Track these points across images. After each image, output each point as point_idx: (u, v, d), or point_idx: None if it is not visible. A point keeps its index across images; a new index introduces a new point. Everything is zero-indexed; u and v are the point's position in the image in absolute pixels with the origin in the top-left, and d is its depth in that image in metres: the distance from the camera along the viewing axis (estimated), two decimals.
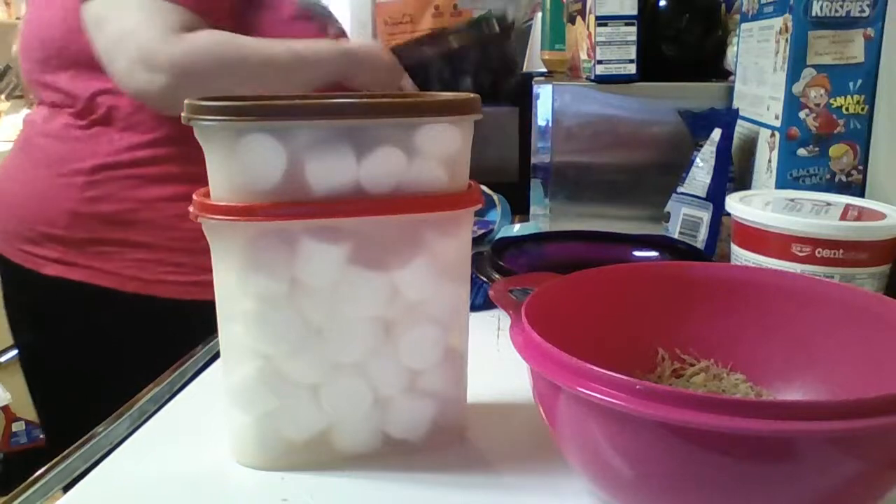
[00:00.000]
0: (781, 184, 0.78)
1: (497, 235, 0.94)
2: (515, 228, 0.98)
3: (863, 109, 0.75)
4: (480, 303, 0.71)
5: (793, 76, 0.75)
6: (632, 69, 0.96)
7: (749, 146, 0.87)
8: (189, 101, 0.43)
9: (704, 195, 0.84)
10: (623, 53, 0.96)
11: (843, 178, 0.77)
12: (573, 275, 0.50)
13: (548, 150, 1.01)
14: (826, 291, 0.49)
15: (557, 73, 1.19)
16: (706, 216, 0.84)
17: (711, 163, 0.84)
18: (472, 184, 0.48)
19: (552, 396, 0.39)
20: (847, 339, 0.46)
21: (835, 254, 0.60)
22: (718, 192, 0.83)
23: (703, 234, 0.84)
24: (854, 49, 0.74)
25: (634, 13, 0.95)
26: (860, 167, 0.76)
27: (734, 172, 0.89)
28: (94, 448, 0.50)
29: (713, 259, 0.82)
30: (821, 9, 0.74)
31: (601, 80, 0.97)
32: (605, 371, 0.35)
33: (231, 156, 0.42)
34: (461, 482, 0.45)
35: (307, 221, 0.43)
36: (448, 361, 0.48)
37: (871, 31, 0.73)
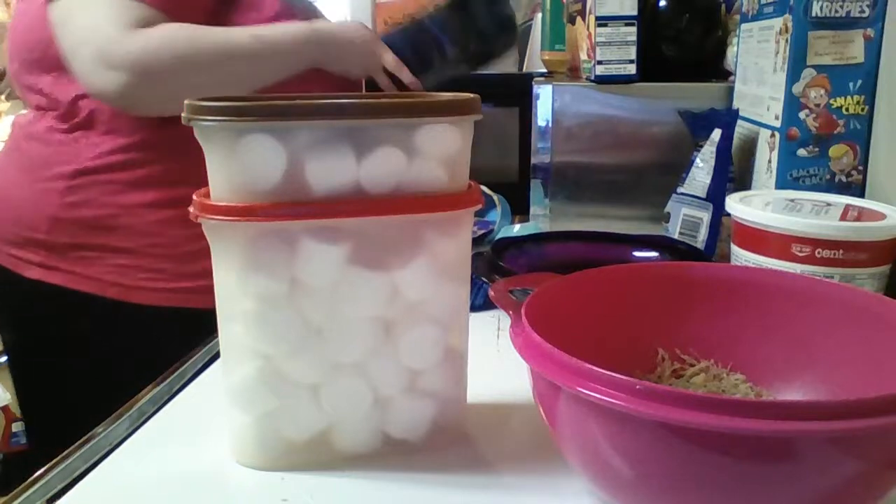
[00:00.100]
0: (781, 184, 0.78)
1: (497, 235, 0.94)
2: (515, 228, 0.98)
3: (863, 110, 0.75)
4: (480, 303, 0.71)
5: (793, 76, 0.75)
6: (632, 69, 0.96)
7: (749, 146, 0.87)
8: (189, 102, 0.43)
9: (704, 195, 0.85)
10: (623, 54, 0.96)
11: (843, 179, 0.77)
12: (573, 275, 0.50)
13: (548, 151, 1.01)
14: (826, 291, 0.49)
15: (557, 74, 1.19)
16: (706, 216, 0.84)
17: (711, 163, 0.84)
18: (472, 184, 0.48)
19: (552, 396, 0.39)
20: (847, 339, 0.46)
21: (835, 254, 0.60)
22: (718, 193, 0.83)
23: (703, 235, 0.84)
24: (854, 49, 0.74)
25: (634, 13, 0.95)
26: (860, 167, 0.76)
27: (734, 173, 0.89)
28: (94, 448, 0.50)
29: (713, 259, 0.82)
30: (821, 9, 0.74)
31: (601, 81, 0.97)
32: (605, 371, 0.35)
33: (231, 156, 0.42)
34: (461, 482, 0.45)
35: (307, 221, 0.43)
36: (448, 361, 0.48)
37: (871, 32, 0.73)
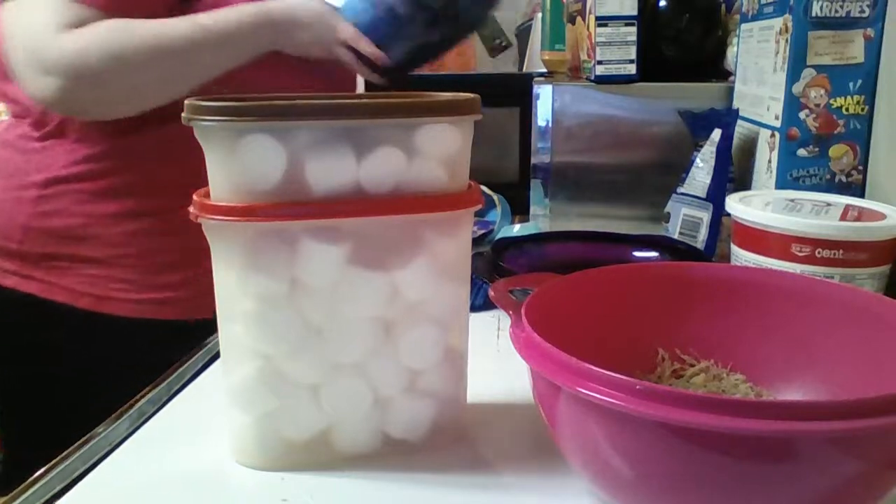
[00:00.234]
0: (781, 184, 0.78)
1: (497, 235, 0.94)
2: (515, 228, 0.98)
3: (863, 110, 0.75)
4: (480, 303, 0.71)
5: (793, 76, 0.75)
6: (632, 69, 0.96)
7: (749, 146, 0.87)
8: (189, 101, 0.43)
9: (704, 195, 0.85)
10: (623, 54, 0.96)
11: (843, 179, 0.77)
12: (573, 275, 0.50)
13: (548, 150, 1.01)
14: (826, 291, 0.49)
15: (557, 73, 1.19)
16: (706, 216, 0.84)
17: (711, 163, 0.84)
18: (472, 184, 0.48)
19: (552, 396, 0.39)
20: (847, 339, 0.46)
21: (835, 254, 0.60)
22: (718, 193, 0.83)
23: (703, 235, 0.84)
24: (854, 49, 0.74)
25: (634, 13, 0.95)
26: (860, 167, 0.76)
27: (734, 173, 0.89)
28: (94, 449, 0.50)
29: (713, 259, 0.82)
30: (821, 9, 0.74)
31: (601, 81, 0.97)
32: (605, 371, 0.35)
33: (231, 156, 0.42)
34: (461, 482, 0.45)
35: (307, 221, 0.43)
36: (448, 361, 0.48)
37: (871, 32, 0.73)
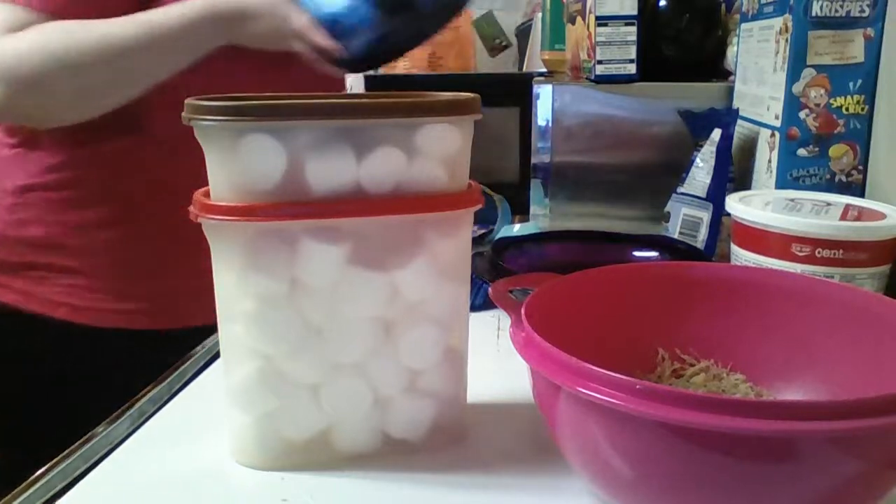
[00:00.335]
0: (781, 184, 0.78)
1: (497, 235, 0.94)
2: (515, 228, 0.98)
3: (863, 109, 0.75)
4: (480, 303, 0.71)
5: (793, 76, 0.75)
6: (632, 69, 0.96)
7: (749, 146, 0.87)
8: (189, 101, 0.43)
9: (704, 195, 0.85)
10: (623, 53, 0.96)
11: (843, 178, 0.77)
12: (573, 275, 0.50)
13: (548, 150, 1.01)
14: (826, 291, 0.49)
15: (557, 73, 1.19)
16: (706, 216, 0.84)
17: (711, 163, 0.84)
18: (472, 184, 0.48)
19: (552, 396, 0.39)
20: (847, 339, 0.46)
21: (835, 254, 0.60)
22: (718, 192, 0.83)
23: (703, 234, 0.84)
24: (854, 49, 0.74)
25: (634, 13, 0.95)
26: (860, 167, 0.76)
27: (734, 172, 0.89)
28: (94, 448, 0.50)
29: (713, 259, 0.82)
30: (821, 9, 0.74)
31: (601, 80, 0.97)
32: (605, 371, 0.35)
33: (231, 156, 0.42)
34: (461, 482, 0.45)
35: (307, 221, 0.43)
36: (448, 361, 0.48)
37: (871, 31, 0.73)
